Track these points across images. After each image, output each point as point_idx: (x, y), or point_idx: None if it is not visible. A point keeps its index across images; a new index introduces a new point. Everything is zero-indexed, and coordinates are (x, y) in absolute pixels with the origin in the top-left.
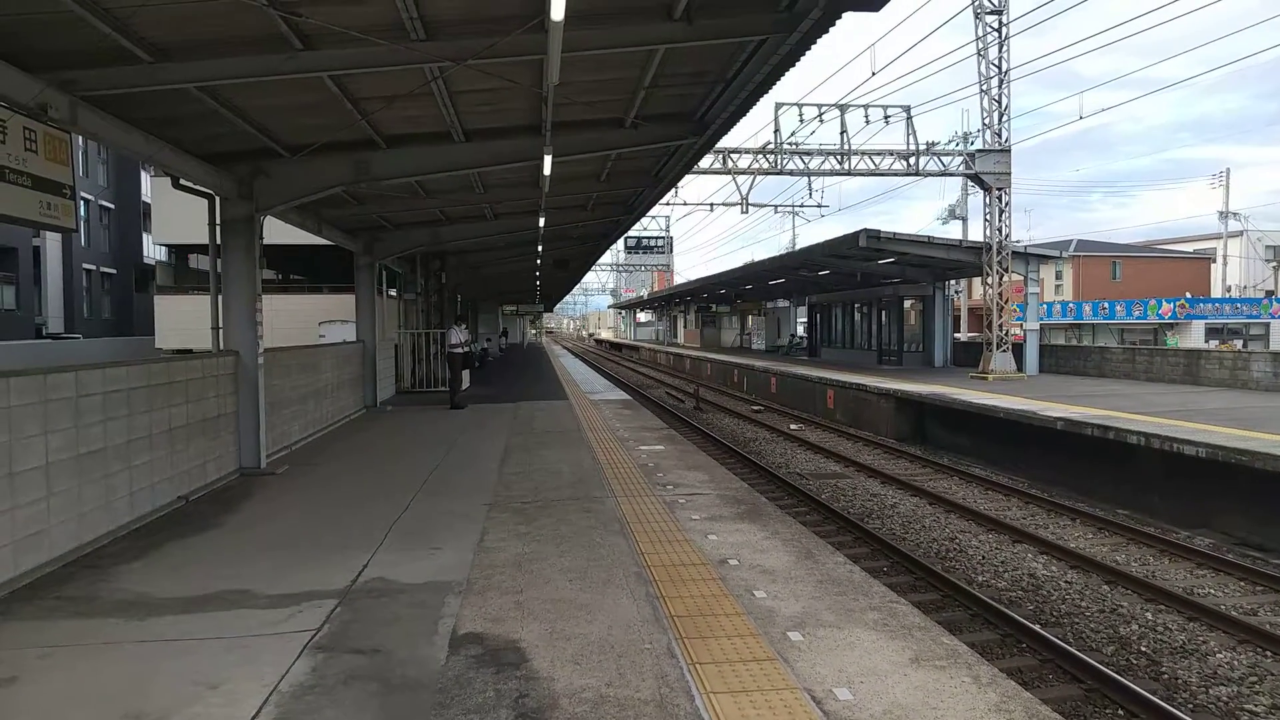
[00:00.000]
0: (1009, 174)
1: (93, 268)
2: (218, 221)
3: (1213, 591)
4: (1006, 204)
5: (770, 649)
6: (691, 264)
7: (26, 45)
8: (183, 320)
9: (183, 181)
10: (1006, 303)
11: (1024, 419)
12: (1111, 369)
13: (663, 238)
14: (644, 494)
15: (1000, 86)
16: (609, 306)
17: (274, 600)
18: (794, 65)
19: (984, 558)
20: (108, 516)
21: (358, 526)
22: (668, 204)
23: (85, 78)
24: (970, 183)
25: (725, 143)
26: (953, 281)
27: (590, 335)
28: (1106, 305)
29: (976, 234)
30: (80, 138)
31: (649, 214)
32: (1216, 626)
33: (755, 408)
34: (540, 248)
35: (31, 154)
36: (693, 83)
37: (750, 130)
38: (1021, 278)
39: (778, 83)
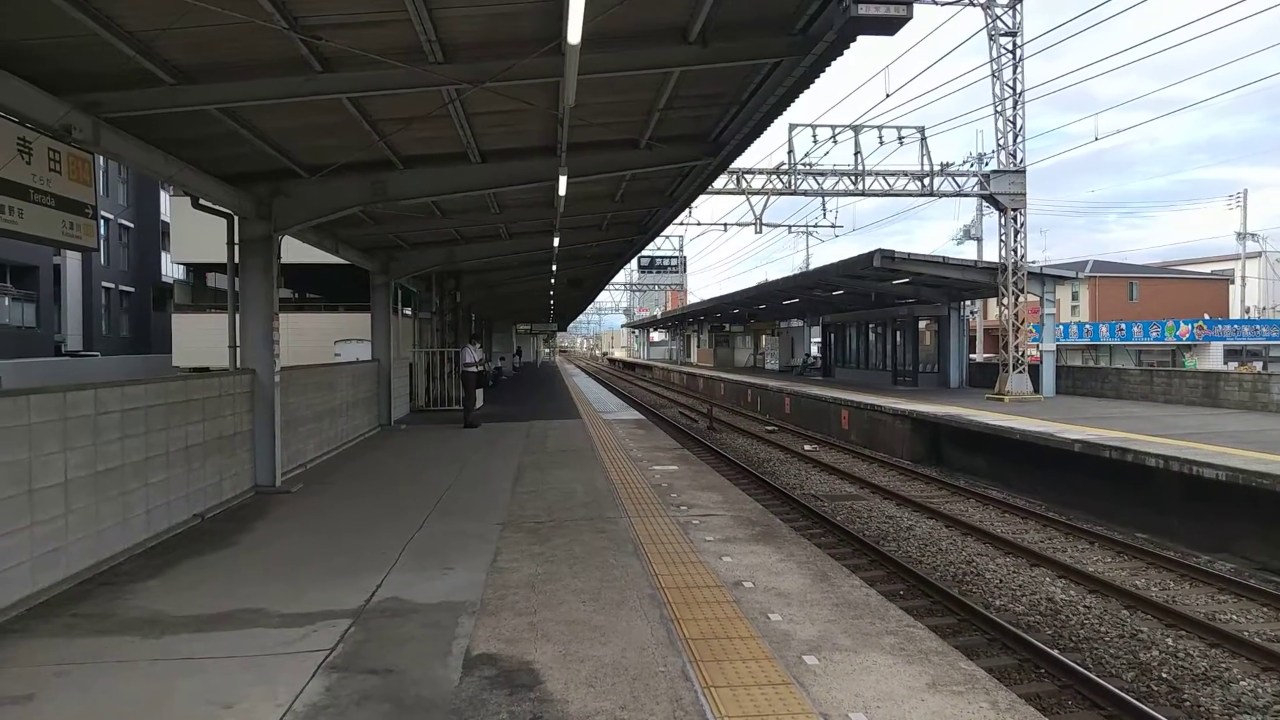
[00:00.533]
0: (1024, 195)
1: (112, 286)
2: (236, 241)
3: (1234, 617)
4: (1022, 225)
5: (786, 673)
6: (705, 283)
7: (53, 68)
8: (200, 338)
9: (202, 201)
10: (1022, 323)
11: (1041, 441)
12: (1129, 391)
13: (676, 257)
14: (657, 514)
15: (1015, 108)
16: (622, 326)
17: (288, 619)
18: (808, 87)
19: (1001, 581)
20: (124, 534)
21: (371, 545)
22: (682, 224)
23: (109, 100)
24: (985, 203)
25: (739, 163)
26: (968, 302)
27: (604, 354)
28: (1124, 326)
29: (991, 254)
30: (102, 158)
31: (663, 234)
32: (1239, 653)
33: (769, 428)
34: (554, 267)
35: (55, 174)
36: (707, 104)
37: (764, 151)
38: (1037, 298)
39: (792, 104)
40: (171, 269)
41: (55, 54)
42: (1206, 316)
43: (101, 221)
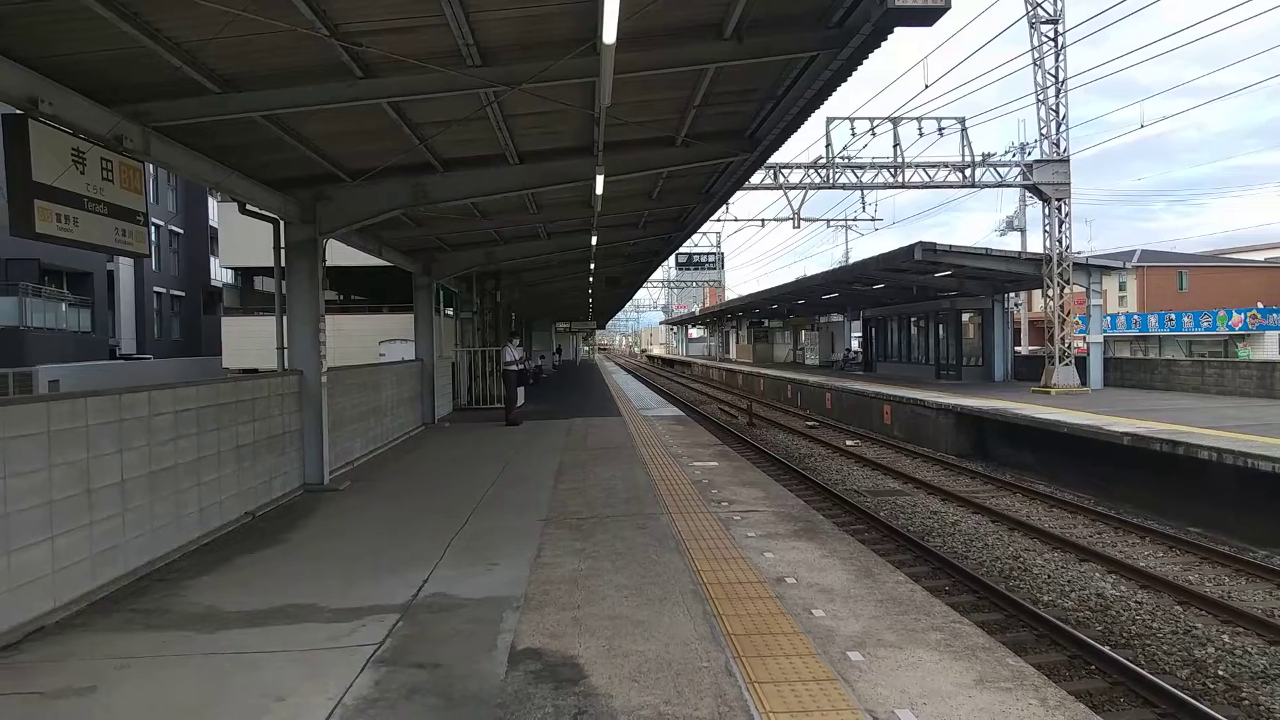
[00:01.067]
0: (1068, 184)
1: (163, 291)
2: (282, 245)
3: None
4: (1066, 215)
5: (830, 669)
6: (743, 279)
7: (104, 81)
8: (248, 340)
9: (249, 207)
10: (1068, 315)
11: (1089, 434)
12: (1179, 382)
13: (714, 254)
14: (698, 511)
15: (1057, 96)
16: (661, 323)
17: (338, 614)
18: (845, 81)
19: (1049, 577)
20: (178, 532)
21: (417, 542)
22: (719, 220)
23: (157, 109)
24: (1028, 194)
25: (776, 158)
26: (1012, 294)
27: (642, 352)
28: (1173, 317)
29: (1035, 245)
30: (152, 166)
31: (700, 230)
32: None
33: (810, 423)
34: (593, 265)
35: (108, 183)
36: (743, 100)
37: (801, 145)
38: (1083, 289)
39: (829, 98)
40: (220, 273)
41: (106, 67)
42: (1260, 305)
43: (152, 228)
